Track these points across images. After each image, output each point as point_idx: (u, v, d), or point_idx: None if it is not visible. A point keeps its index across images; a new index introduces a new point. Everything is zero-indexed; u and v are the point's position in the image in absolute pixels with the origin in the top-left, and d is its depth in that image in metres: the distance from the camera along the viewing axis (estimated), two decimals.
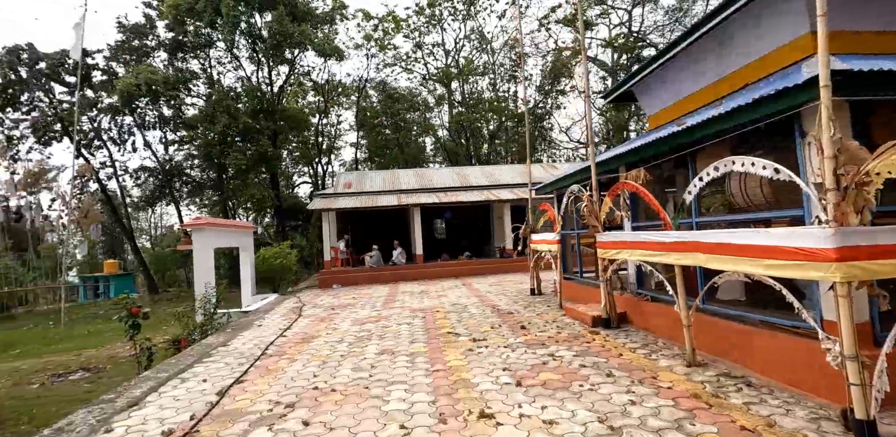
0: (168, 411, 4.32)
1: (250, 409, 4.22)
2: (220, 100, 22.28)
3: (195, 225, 9.84)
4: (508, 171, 20.60)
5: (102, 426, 4.01)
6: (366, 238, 17.84)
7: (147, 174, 25.22)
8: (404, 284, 14.60)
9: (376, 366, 5.39)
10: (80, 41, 15.98)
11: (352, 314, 9.25)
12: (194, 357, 6.27)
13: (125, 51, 22.94)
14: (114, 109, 23.04)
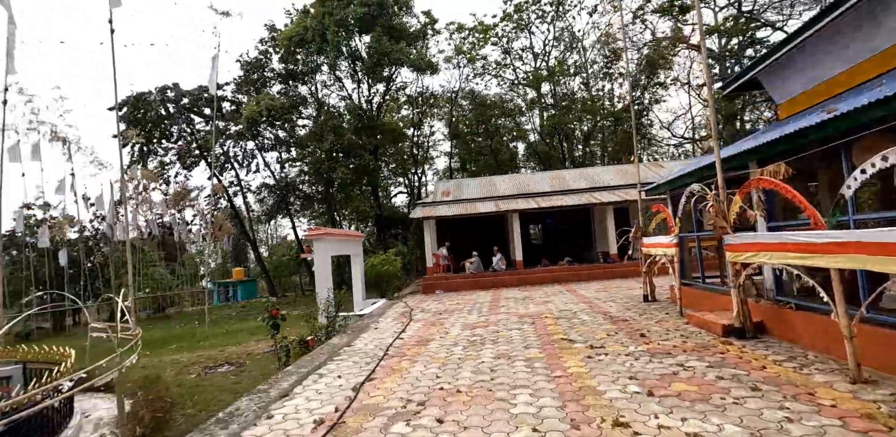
0: (314, 402, 4.79)
1: (385, 405, 4.53)
2: (327, 120, 24.24)
3: (316, 235, 10.78)
4: (608, 172, 19.76)
5: (263, 412, 4.56)
6: (464, 245, 18.18)
7: (267, 191, 28.20)
8: (506, 290, 14.61)
9: (496, 370, 5.48)
10: (215, 78, 18.36)
11: (460, 319, 9.48)
12: (325, 355, 6.86)
13: (247, 83, 25.98)
14: (239, 134, 26.14)
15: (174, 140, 26.52)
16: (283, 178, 27.91)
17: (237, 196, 28.67)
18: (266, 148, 27.39)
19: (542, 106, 32.79)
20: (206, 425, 4.28)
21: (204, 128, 26.70)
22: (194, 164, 28.06)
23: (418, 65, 24.07)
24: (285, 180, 27.70)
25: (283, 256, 36.70)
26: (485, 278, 15.68)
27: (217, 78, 19.06)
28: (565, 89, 33.01)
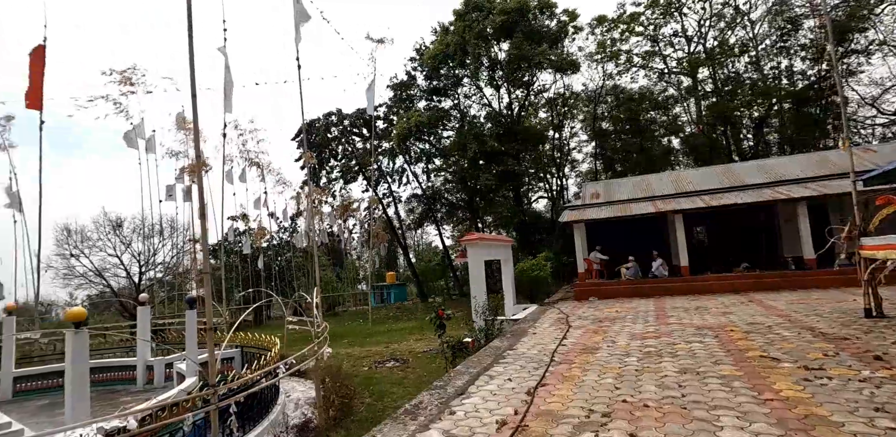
0: (491, 403, 4.82)
1: (566, 412, 4.34)
2: (470, 129, 25.07)
3: (470, 240, 11.10)
4: (795, 162, 16.70)
5: (445, 408, 4.73)
6: (616, 249, 17.00)
7: (416, 200, 30.20)
8: (669, 298, 13.22)
9: (684, 386, 4.91)
10: (373, 101, 20.39)
11: (625, 328, 8.81)
12: (491, 358, 6.93)
13: (398, 102, 28.28)
14: (391, 150, 28.55)
15: (339, 159, 30.03)
16: (430, 187, 29.57)
17: (390, 206, 31.22)
18: (414, 160, 29.39)
19: (699, 94, 29.36)
20: (396, 414, 4.59)
21: (361, 146, 29.77)
22: (353, 179, 31.41)
23: (559, 65, 23.55)
24: (431, 190, 29.31)
25: (429, 261, 38.87)
26: (644, 284, 14.41)
27: (374, 100, 21.14)
28: (729, 72, 29.07)
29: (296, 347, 10.70)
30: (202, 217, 4.64)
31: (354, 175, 31.14)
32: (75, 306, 5.91)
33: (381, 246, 29.82)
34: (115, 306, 29.76)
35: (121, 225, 28.31)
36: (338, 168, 30.52)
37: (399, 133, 25.35)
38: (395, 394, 8.70)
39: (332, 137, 28.37)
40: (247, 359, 10.40)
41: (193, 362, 7.71)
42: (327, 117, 27.99)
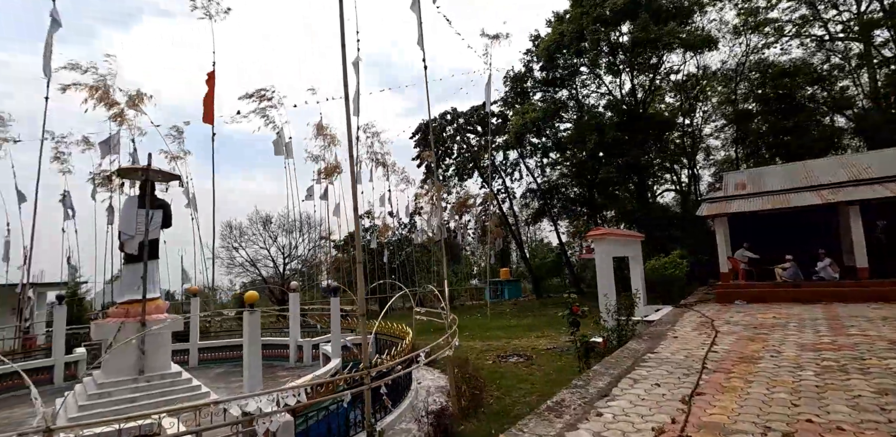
0: (641, 408, 4.51)
1: (734, 427, 3.88)
2: (589, 120, 23.92)
3: (597, 235, 10.57)
4: None
5: (590, 408, 4.54)
6: (765, 247, 14.87)
7: (531, 196, 29.71)
8: (841, 305, 11.21)
9: (889, 410, 4.09)
10: (490, 97, 20.47)
11: (790, 337, 7.66)
12: (630, 360, 6.51)
13: (513, 95, 28.04)
14: (506, 146, 28.43)
15: (454, 157, 30.76)
16: (546, 182, 28.88)
17: (505, 202, 31.14)
18: (529, 155, 28.94)
19: (873, 62, 24.43)
20: (539, 410, 4.52)
21: (476, 143, 30.12)
22: (468, 176, 31.92)
23: (691, 43, 21.32)
24: (547, 184, 28.61)
25: (543, 258, 38.03)
26: (805, 288, 12.42)
27: (490, 96, 21.22)
28: None
29: (422, 337, 11.20)
30: (355, 212, 5.01)
31: (469, 172, 31.63)
32: (251, 291, 6.81)
33: (496, 242, 29.89)
34: (265, 292, 34.02)
35: (269, 222, 32.27)
36: (453, 166, 31.26)
37: (515, 129, 25.14)
38: (522, 390, 8.64)
39: (447, 136, 29.13)
40: (379, 345, 11.13)
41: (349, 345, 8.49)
42: (443, 117, 28.81)
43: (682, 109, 28.43)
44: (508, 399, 8.02)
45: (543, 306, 25.51)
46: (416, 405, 7.72)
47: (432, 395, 8.83)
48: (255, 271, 33.42)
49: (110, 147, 16.06)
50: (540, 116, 24.56)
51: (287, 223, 32.87)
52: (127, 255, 8.46)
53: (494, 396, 8.42)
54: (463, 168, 31.45)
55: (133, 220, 8.35)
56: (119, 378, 7.76)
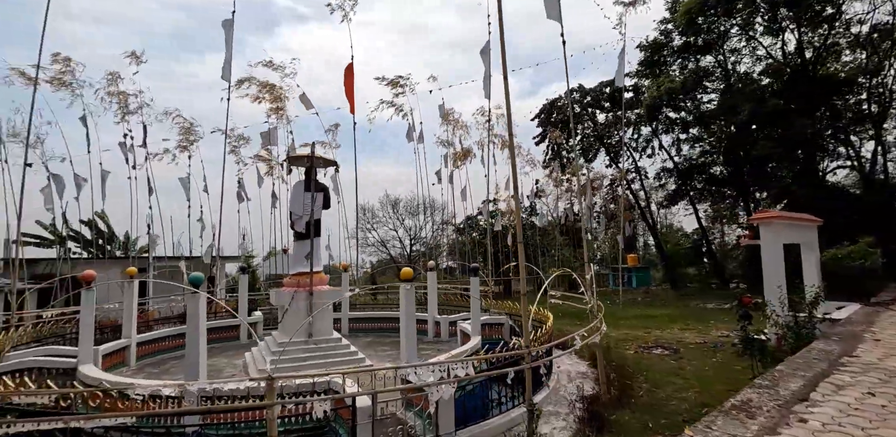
0: (857, 418, 3.86)
1: None
2: (742, 88, 20.98)
3: (763, 218, 9.27)
4: None
5: (788, 413, 4.01)
6: None
7: (666, 175, 27.22)
8: None
9: None
10: (623, 70, 18.93)
11: None
12: (824, 363, 5.64)
13: (646, 68, 25.66)
14: (637, 120, 26.28)
15: (580, 136, 29.36)
16: (684, 160, 26.20)
17: (635, 182, 29.04)
18: (665, 131, 26.44)
19: None
20: (725, 409, 4.12)
21: (603, 121, 28.35)
22: (594, 156, 30.29)
23: None
24: (687, 163, 25.93)
25: (676, 244, 34.79)
26: None
27: (624, 69, 19.65)
28: None
29: (560, 321, 11.01)
30: (515, 192, 4.97)
31: (595, 151, 30.01)
32: (406, 267, 7.25)
33: (625, 225, 28.13)
34: (392, 271, 36.45)
35: (397, 205, 34.33)
36: (578, 145, 29.87)
37: (648, 102, 23.08)
38: (674, 384, 8.05)
39: (572, 115, 27.76)
40: (514, 326, 11.20)
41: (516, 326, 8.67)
42: (570, 94, 27.45)
43: (865, 69, 23.46)
44: (661, 393, 7.52)
45: (681, 296, 23.48)
46: (559, 389, 7.65)
47: (573, 381, 8.65)
48: (385, 251, 35.98)
49: (270, 139, 18.26)
50: (678, 87, 22.19)
51: (412, 207, 34.67)
52: (296, 232, 9.57)
53: (644, 388, 7.96)
54: (589, 147, 29.95)
55: (301, 201, 9.40)
56: (294, 339, 8.89)
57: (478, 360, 4.73)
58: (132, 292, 9.49)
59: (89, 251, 22.22)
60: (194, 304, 6.11)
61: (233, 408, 4.01)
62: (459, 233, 31.75)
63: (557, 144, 28.36)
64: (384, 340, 11.91)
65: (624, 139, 26.58)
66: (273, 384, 3.93)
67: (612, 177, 30.33)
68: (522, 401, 6.34)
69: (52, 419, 3.60)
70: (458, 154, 22.40)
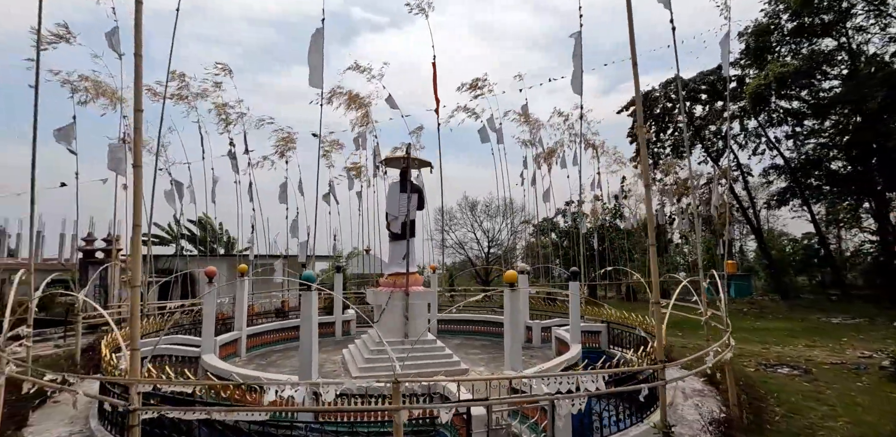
0: None
1: None
2: (873, 72, 18.35)
3: None
4: None
5: None
6: None
7: (775, 173, 24.54)
8: None
9: None
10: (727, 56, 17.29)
11: None
12: None
13: (749, 55, 23.32)
14: (742, 114, 23.95)
15: (672, 131, 27.42)
16: (799, 156, 23.47)
17: (737, 182, 26.53)
18: (773, 123, 23.85)
19: None
20: None
21: (700, 114, 26.19)
22: (684, 151, 28.10)
23: None
24: (801, 158, 23.20)
25: (780, 250, 31.21)
26: None
27: (729, 55, 17.95)
28: None
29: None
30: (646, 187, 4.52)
31: (690, 147, 27.86)
32: (510, 270, 6.98)
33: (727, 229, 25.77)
34: (470, 272, 36.41)
35: (475, 207, 34.24)
36: (669, 141, 27.91)
37: (753, 92, 20.91)
38: (816, 411, 7.03)
39: (664, 109, 25.97)
40: (611, 335, 10.53)
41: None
42: (665, 86, 25.70)
43: None
44: (801, 420, 6.58)
45: (794, 308, 20.99)
46: (676, 407, 6.96)
47: (689, 398, 7.87)
48: (463, 253, 36.01)
49: (361, 143, 18.86)
50: (790, 71, 19.86)
51: (491, 209, 34.40)
52: (392, 233, 9.66)
53: (778, 412, 7.03)
54: (681, 143, 27.86)
55: (397, 202, 9.47)
56: (390, 339, 8.94)
57: (607, 373, 4.33)
58: (244, 288, 10.11)
59: (198, 249, 24.43)
60: (308, 301, 6.28)
61: (362, 409, 3.97)
62: (540, 234, 30.85)
63: (649, 140, 26.56)
64: (473, 342, 11.72)
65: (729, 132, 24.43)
66: (399, 387, 3.83)
67: (709, 176, 27.92)
68: (639, 419, 5.82)
69: (197, 409, 3.74)
70: (541, 155, 21.75)
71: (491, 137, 20.07)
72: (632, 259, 29.48)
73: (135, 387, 3.76)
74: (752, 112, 23.17)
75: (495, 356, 10.08)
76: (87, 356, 9.31)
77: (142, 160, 4.08)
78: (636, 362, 6.08)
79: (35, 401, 6.87)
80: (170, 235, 25.04)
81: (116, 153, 10.68)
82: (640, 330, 9.11)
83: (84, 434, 5.88)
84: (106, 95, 13.09)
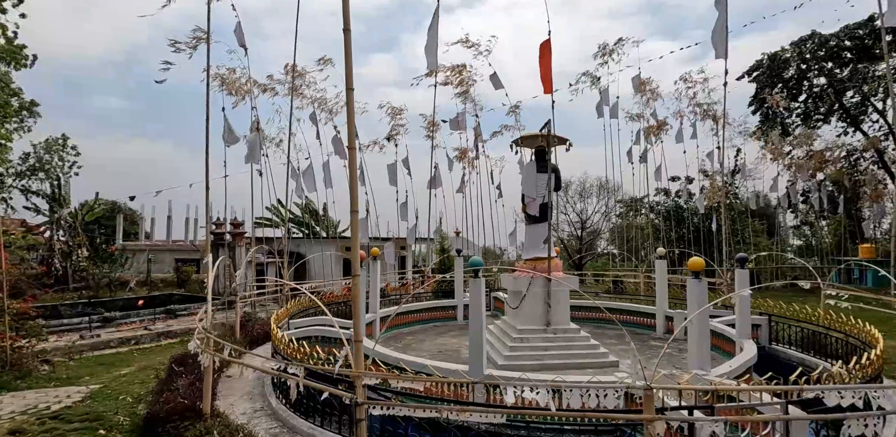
0: None
1: None
2: None
3: None
4: None
5: None
6: None
7: None
8: None
9: None
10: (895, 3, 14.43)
11: None
12: None
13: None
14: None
15: (802, 99, 24.03)
16: None
17: (887, 152, 22.77)
18: None
19: None
20: None
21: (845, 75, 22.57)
22: (824, 120, 24.54)
23: None
24: None
25: None
26: None
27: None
28: None
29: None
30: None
31: (826, 115, 24.27)
32: (696, 257, 6.16)
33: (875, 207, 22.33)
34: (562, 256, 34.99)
35: (568, 188, 32.75)
36: (800, 108, 24.51)
37: None
38: None
39: (805, 69, 22.59)
40: (773, 330, 9.33)
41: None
42: (799, 45, 22.34)
43: None
44: None
45: None
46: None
47: None
48: (555, 235, 34.82)
49: (458, 123, 18.42)
50: None
51: (585, 189, 32.78)
52: (529, 215, 9.13)
53: None
54: (814, 111, 24.36)
55: (534, 183, 8.88)
56: (532, 327, 8.52)
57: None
58: (376, 270, 10.16)
59: (302, 231, 25.69)
60: (477, 288, 5.98)
61: (610, 416, 3.54)
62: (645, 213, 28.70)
63: (775, 110, 23.44)
64: (606, 332, 11.00)
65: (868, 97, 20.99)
66: (652, 394, 3.32)
67: (850, 147, 24.20)
68: None
69: (428, 407, 3.48)
70: (652, 128, 19.99)
71: (603, 110, 18.78)
72: (744, 242, 26.60)
73: (360, 380, 3.58)
74: None
75: (638, 348, 9.31)
76: (244, 331, 9.94)
77: (355, 142, 3.81)
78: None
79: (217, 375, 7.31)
80: (279, 218, 26.55)
81: (254, 145, 11.10)
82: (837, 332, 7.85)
83: (267, 412, 6.08)
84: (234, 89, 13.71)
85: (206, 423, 4.91)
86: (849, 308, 8.20)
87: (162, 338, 12.35)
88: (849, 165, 23.59)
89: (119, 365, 9.91)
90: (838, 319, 7.77)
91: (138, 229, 29.32)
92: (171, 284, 20.40)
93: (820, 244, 28.31)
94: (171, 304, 14.88)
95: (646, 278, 18.00)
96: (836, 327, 7.73)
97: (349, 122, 3.75)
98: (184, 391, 5.68)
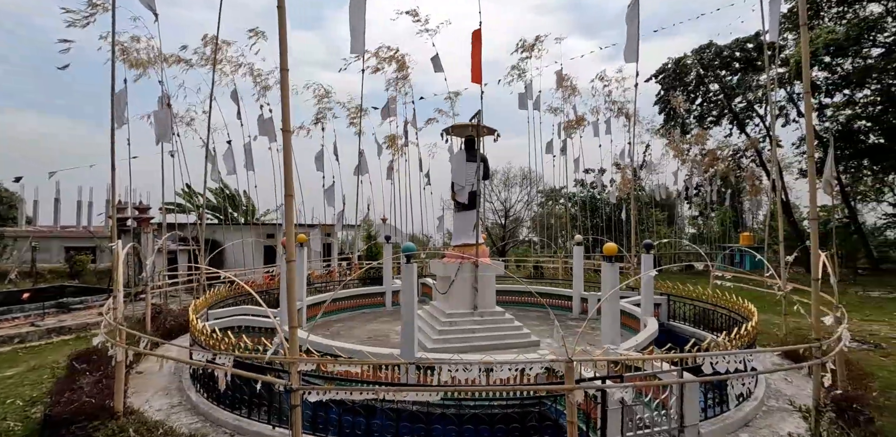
0: None
1: None
2: None
3: None
4: None
5: None
6: None
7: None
8: None
9: None
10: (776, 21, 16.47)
11: None
12: None
13: (791, 20, 22.27)
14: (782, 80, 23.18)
15: (698, 103, 26.66)
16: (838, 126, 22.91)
17: (764, 152, 26.06)
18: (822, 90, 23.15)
19: None
20: None
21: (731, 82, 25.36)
22: (714, 122, 27.44)
23: None
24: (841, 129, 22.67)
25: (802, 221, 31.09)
26: None
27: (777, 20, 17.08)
28: None
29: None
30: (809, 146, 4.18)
31: (715, 118, 27.17)
32: (610, 243, 6.73)
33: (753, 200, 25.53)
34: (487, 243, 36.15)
35: (493, 176, 33.73)
36: (696, 111, 27.19)
37: (798, 58, 20.10)
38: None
39: (702, 75, 25.01)
40: (671, 309, 10.43)
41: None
42: (700, 53, 24.67)
43: None
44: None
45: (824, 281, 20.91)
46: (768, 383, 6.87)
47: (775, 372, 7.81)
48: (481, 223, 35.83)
49: (389, 110, 18.21)
50: (837, 39, 19.09)
51: (509, 178, 33.94)
52: (458, 203, 9.36)
53: (872, 388, 6.95)
54: (707, 113, 27.17)
55: (464, 172, 9.12)
56: (460, 310, 8.82)
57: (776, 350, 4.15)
58: (303, 258, 9.88)
59: (218, 218, 24.10)
60: (409, 274, 6.07)
61: (533, 388, 3.81)
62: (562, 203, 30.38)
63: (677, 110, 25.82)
64: (529, 314, 11.65)
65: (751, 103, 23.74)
66: (573, 367, 3.65)
67: (736, 147, 27.41)
68: (749, 394, 5.76)
69: (365, 390, 3.56)
70: (571, 122, 21.16)
71: (526, 103, 19.44)
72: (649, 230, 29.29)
73: (295, 366, 3.56)
74: (790, 81, 22.39)
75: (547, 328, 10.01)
76: (156, 323, 9.23)
77: (290, 125, 3.72)
78: (742, 338, 5.91)
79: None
80: (190, 203, 24.66)
81: (163, 120, 10.16)
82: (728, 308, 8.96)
83: (186, 407, 5.78)
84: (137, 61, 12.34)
85: (119, 421, 4.58)
86: (731, 288, 9.43)
87: (53, 335, 11.10)
88: (734, 162, 26.65)
89: (1, 367, 8.79)
90: (723, 297, 8.89)
91: (16, 213, 25.71)
92: (63, 274, 18.29)
93: (709, 232, 31.95)
94: (63, 297, 13.37)
95: (563, 264, 19.24)
96: (721, 303, 8.83)
97: (283, 103, 3.63)
98: (90, 389, 5.22)
